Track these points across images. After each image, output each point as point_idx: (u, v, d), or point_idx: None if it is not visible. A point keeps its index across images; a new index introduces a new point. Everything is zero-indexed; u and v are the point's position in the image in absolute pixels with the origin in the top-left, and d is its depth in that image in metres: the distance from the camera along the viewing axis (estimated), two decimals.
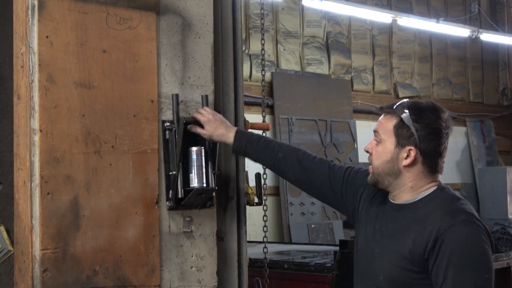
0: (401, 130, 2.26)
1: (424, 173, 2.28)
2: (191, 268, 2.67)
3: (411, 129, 2.24)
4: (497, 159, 11.49)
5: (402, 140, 2.26)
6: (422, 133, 2.24)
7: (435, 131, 2.25)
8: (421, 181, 2.29)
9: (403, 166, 2.27)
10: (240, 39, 2.99)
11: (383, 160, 2.30)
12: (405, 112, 2.26)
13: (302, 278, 4.87)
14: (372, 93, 10.25)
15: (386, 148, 2.29)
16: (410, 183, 2.29)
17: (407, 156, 2.25)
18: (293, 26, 9.44)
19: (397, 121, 2.28)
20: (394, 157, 2.27)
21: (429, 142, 2.25)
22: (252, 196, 3.03)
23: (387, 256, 2.27)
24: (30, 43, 2.37)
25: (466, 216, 2.18)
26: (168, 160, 2.61)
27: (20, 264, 2.40)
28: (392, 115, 2.30)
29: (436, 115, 2.27)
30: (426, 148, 2.25)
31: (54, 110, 2.37)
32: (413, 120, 2.25)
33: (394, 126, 2.28)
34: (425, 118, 2.25)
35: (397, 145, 2.27)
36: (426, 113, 2.26)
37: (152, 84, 2.59)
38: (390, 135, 2.28)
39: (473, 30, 10.14)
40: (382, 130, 2.31)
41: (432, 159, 2.27)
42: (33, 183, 2.33)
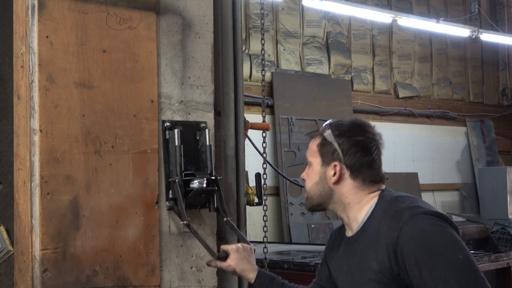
0: (324, 148, 2.23)
1: (358, 187, 2.21)
2: (191, 268, 2.67)
3: (334, 145, 2.21)
4: (497, 159, 11.49)
5: (326, 158, 2.23)
6: (345, 146, 2.20)
7: (359, 143, 2.20)
8: (357, 195, 2.22)
9: (332, 184, 2.22)
10: (240, 39, 2.99)
11: (313, 182, 2.27)
12: (327, 131, 2.24)
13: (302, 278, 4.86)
14: (372, 93, 10.25)
15: (314, 169, 2.26)
16: (346, 200, 2.23)
17: (334, 174, 2.21)
18: (293, 26, 9.44)
19: (320, 140, 2.25)
20: (322, 176, 2.24)
21: (354, 155, 2.19)
22: (252, 196, 3.03)
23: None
24: (30, 43, 2.37)
25: (409, 213, 2.06)
26: (168, 160, 2.61)
27: (20, 264, 2.40)
28: (316, 137, 2.29)
29: (360, 129, 2.23)
30: (351, 162, 2.20)
31: (54, 110, 2.37)
32: (335, 135, 2.22)
33: (317, 145, 2.26)
34: (347, 132, 2.22)
35: (322, 164, 2.24)
36: (349, 128, 2.23)
37: (152, 84, 2.59)
38: (316, 156, 2.26)
39: (473, 30, 10.13)
40: (309, 153, 2.29)
41: (361, 172, 2.20)
42: (33, 183, 2.33)
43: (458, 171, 10.99)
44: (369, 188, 2.22)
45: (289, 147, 8.98)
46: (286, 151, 8.95)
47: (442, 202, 10.23)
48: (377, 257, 2.09)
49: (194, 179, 2.58)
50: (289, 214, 8.65)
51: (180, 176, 2.56)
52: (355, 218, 2.24)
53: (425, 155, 10.34)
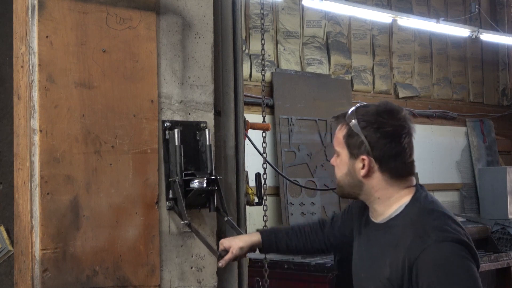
0: (351, 140, 2.12)
1: (387, 180, 2.12)
2: (191, 268, 2.67)
3: (361, 137, 2.10)
4: (497, 159, 11.48)
5: (353, 150, 2.12)
6: (373, 138, 2.08)
7: (388, 134, 2.09)
8: (387, 191, 2.13)
9: (361, 177, 2.13)
10: (240, 39, 2.99)
11: (343, 173, 2.18)
12: (353, 119, 2.12)
13: (302, 278, 4.86)
14: (372, 93, 10.24)
15: (342, 160, 2.17)
16: (376, 194, 2.15)
17: (363, 167, 2.11)
18: (293, 26, 9.44)
19: (347, 130, 2.14)
20: (351, 169, 2.14)
21: (382, 147, 2.08)
22: (252, 196, 3.03)
23: (372, 283, 2.15)
24: (30, 43, 2.36)
25: (437, 236, 1.98)
26: (168, 160, 2.61)
27: (20, 264, 2.40)
28: (342, 125, 2.18)
29: (388, 117, 2.10)
30: (379, 155, 2.09)
31: (54, 110, 2.37)
32: (362, 127, 2.10)
33: (344, 136, 2.15)
34: (374, 122, 2.09)
35: (350, 156, 2.14)
36: (376, 117, 2.11)
37: (152, 84, 2.59)
38: (343, 147, 2.16)
39: (473, 30, 10.13)
40: (336, 142, 2.20)
41: (391, 165, 2.11)
42: (33, 183, 2.33)
43: (458, 171, 10.98)
44: (400, 182, 2.14)
45: (289, 147, 8.98)
46: (286, 151, 8.94)
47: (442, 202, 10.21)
48: (391, 265, 2.05)
49: (194, 179, 2.58)
50: (289, 214, 8.65)
51: (180, 176, 2.56)
52: (382, 212, 2.17)
53: (425, 155, 10.33)
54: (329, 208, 9.26)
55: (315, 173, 9.28)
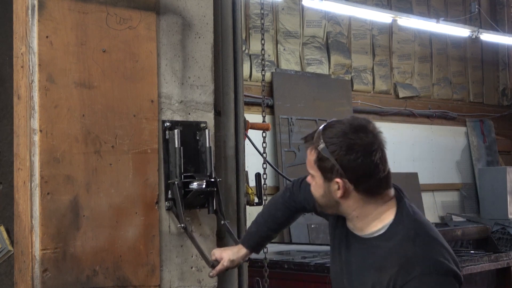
0: (322, 163, 2.06)
1: (364, 199, 2.07)
2: (191, 268, 2.67)
3: (331, 161, 2.03)
4: (497, 159, 11.48)
5: (327, 174, 2.06)
6: (343, 160, 2.01)
7: (357, 154, 2.01)
8: (365, 209, 2.09)
9: (338, 197, 2.08)
10: (240, 39, 2.99)
11: (320, 194, 2.13)
12: (321, 143, 2.06)
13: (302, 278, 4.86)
14: (372, 93, 10.25)
15: (317, 183, 2.12)
16: (354, 213, 2.10)
17: (338, 188, 2.05)
18: (293, 26, 9.44)
19: (316, 154, 2.08)
20: (327, 191, 2.09)
21: (354, 168, 2.02)
22: (252, 196, 3.03)
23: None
24: (30, 43, 2.36)
25: (423, 267, 1.95)
26: (168, 160, 2.61)
27: (20, 264, 2.40)
28: (312, 148, 2.11)
29: (355, 136, 2.03)
30: (353, 176, 2.03)
31: (54, 110, 2.37)
32: (331, 150, 2.03)
33: (315, 160, 2.09)
34: (342, 143, 2.02)
35: (324, 179, 2.08)
36: (343, 138, 2.03)
37: (152, 84, 2.59)
38: (316, 170, 2.10)
39: (473, 30, 10.13)
40: (309, 165, 2.14)
41: (366, 184, 2.05)
42: (33, 183, 2.33)
43: (458, 171, 10.98)
44: (377, 199, 2.08)
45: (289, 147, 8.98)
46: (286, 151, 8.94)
47: (442, 202, 10.22)
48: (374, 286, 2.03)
49: (194, 181, 2.58)
50: None
51: (180, 178, 2.56)
52: (362, 228, 2.13)
53: (425, 155, 10.33)
54: None
55: None
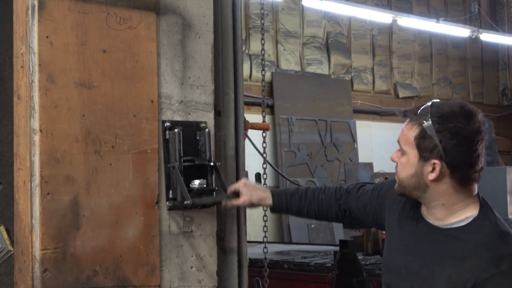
0: (423, 142, 1.99)
1: (455, 187, 2.01)
2: (191, 268, 2.67)
3: (435, 140, 1.96)
4: (497, 159, 11.49)
5: (425, 153, 1.99)
6: (448, 144, 1.95)
7: (464, 140, 1.96)
8: (453, 197, 2.03)
9: (429, 181, 2.01)
10: (240, 39, 2.99)
11: (408, 173, 2.05)
12: (428, 121, 1.99)
13: (302, 278, 4.87)
14: (372, 93, 10.26)
15: (410, 161, 2.03)
16: (441, 200, 2.03)
17: (433, 170, 1.99)
18: (293, 26, 9.44)
19: (419, 131, 2.00)
20: (419, 171, 2.02)
21: (457, 154, 1.96)
22: None
23: (416, 283, 2.06)
24: (30, 43, 2.37)
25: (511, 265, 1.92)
26: (168, 160, 2.61)
27: (20, 264, 2.40)
28: (413, 124, 2.03)
29: (465, 121, 1.97)
30: (453, 161, 1.97)
31: (54, 110, 2.37)
32: (437, 129, 1.96)
33: (416, 137, 2.01)
34: (451, 126, 1.96)
35: (420, 158, 2.00)
36: (452, 119, 1.97)
37: (152, 84, 2.59)
38: (412, 147, 2.02)
39: (473, 30, 10.14)
40: (404, 141, 2.06)
41: (463, 172, 1.99)
42: (33, 183, 2.33)
43: None
44: (467, 190, 2.03)
45: (289, 147, 8.98)
46: (286, 151, 8.94)
47: None
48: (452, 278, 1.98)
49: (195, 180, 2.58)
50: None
51: (179, 161, 2.57)
52: (442, 218, 2.07)
53: None
54: None
55: (315, 173, 9.29)
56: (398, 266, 2.14)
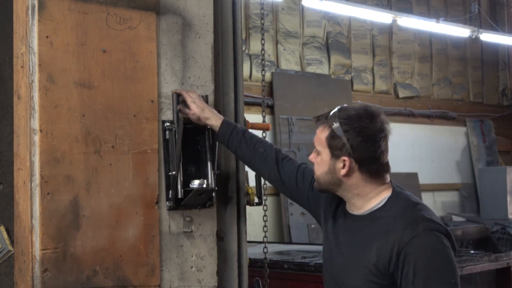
0: (333, 141, 2.25)
1: (366, 179, 2.26)
2: (191, 268, 2.67)
3: (343, 139, 2.22)
4: (497, 159, 11.49)
5: (335, 151, 2.25)
6: (354, 141, 2.21)
7: (368, 138, 2.22)
8: (366, 188, 2.28)
9: (342, 176, 2.26)
10: (240, 39, 2.99)
11: (323, 171, 2.30)
12: (336, 122, 2.24)
13: (302, 278, 4.86)
14: (372, 93, 10.26)
15: (323, 160, 2.29)
16: (355, 191, 2.29)
17: (343, 166, 2.24)
18: (293, 26, 9.44)
19: (329, 132, 2.26)
20: (331, 168, 2.27)
21: (363, 150, 2.22)
22: (252, 196, 3.03)
23: (353, 270, 2.26)
24: (30, 43, 2.37)
25: (426, 225, 2.17)
26: (168, 160, 2.61)
27: (20, 264, 2.41)
28: (324, 126, 2.29)
29: (368, 121, 2.23)
30: (360, 157, 2.22)
31: (54, 110, 2.37)
32: (344, 130, 2.22)
33: (326, 137, 2.26)
34: (356, 125, 2.22)
35: (332, 156, 2.26)
36: (357, 120, 2.23)
37: (152, 84, 2.59)
38: (325, 147, 2.27)
39: (473, 30, 10.13)
40: (317, 141, 2.31)
41: (370, 166, 2.25)
42: (33, 183, 2.33)
43: (458, 171, 10.99)
44: (377, 180, 2.28)
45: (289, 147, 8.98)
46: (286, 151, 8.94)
47: (442, 202, 10.23)
48: (379, 251, 2.18)
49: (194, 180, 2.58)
50: (289, 214, 8.65)
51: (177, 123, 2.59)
52: (361, 206, 2.31)
53: (425, 155, 10.34)
54: None
55: None
56: (335, 258, 2.35)
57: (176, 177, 2.58)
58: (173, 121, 2.63)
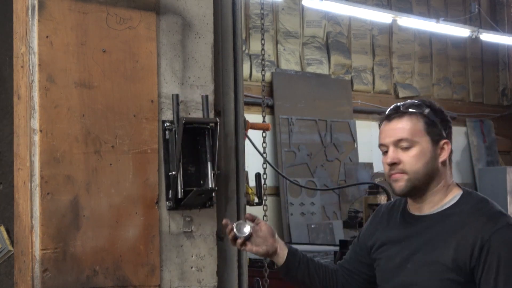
0: (431, 127, 2.23)
1: (450, 166, 2.28)
2: (191, 268, 2.67)
3: (438, 124, 2.24)
4: (497, 159, 11.49)
5: (435, 137, 2.23)
6: (444, 125, 2.25)
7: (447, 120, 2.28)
8: (449, 177, 2.27)
9: (440, 163, 2.24)
10: (240, 39, 2.99)
11: (423, 162, 2.22)
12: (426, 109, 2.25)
13: None
14: (372, 93, 10.26)
15: (423, 149, 2.22)
16: (443, 181, 2.25)
17: (441, 151, 2.24)
18: (293, 26, 9.44)
19: (424, 120, 2.23)
20: (433, 156, 2.23)
21: (450, 132, 2.28)
22: (252, 196, 3.03)
23: (426, 271, 2.19)
24: (30, 43, 2.37)
25: (506, 219, 2.16)
26: (168, 160, 2.61)
27: (20, 264, 2.41)
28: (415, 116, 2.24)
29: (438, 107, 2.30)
30: (450, 136, 2.27)
31: (54, 110, 2.37)
32: (435, 114, 2.25)
33: (424, 124, 2.23)
34: (437, 109, 2.27)
35: (432, 143, 2.23)
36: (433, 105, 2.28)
37: (152, 84, 2.59)
38: (423, 135, 2.22)
39: (473, 30, 10.14)
40: (412, 133, 2.23)
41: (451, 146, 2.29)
42: (33, 183, 2.33)
43: (458, 171, 10.99)
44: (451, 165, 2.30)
45: (289, 147, 8.98)
46: (286, 151, 8.94)
47: None
48: (458, 247, 2.14)
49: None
50: (289, 214, 8.65)
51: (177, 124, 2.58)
52: (438, 201, 2.26)
53: None
54: (329, 208, 9.26)
55: (315, 173, 9.29)
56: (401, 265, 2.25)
57: (176, 177, 2.58)
58: (173, 121, 2.63)
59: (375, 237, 2.40)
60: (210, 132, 2.70)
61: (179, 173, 2.59)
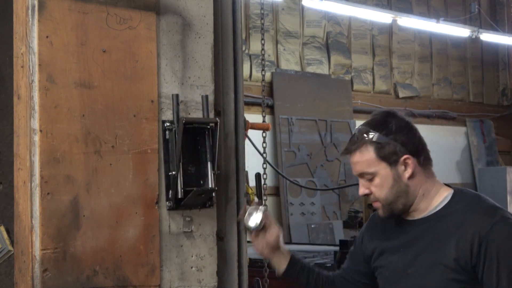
0: (384, 151, 2.19)
1: (425, 173, 2.24)
2: (191, 268, 2.67)
3: (390, 143, 2.19)
4: (497, 159, 11.50)
5: (391, 158, 2.20)
6: (400, 138, 2.20)
7: (407, 130, 2.22)
8: (428, 184, 2.25)
9: (407, 179, 2.21)
10: (240, 39, 2.99)
11: (388, 187, 2.22)
12: (372, 135, 2.20)
13: None
14: (372, 93, 10.26)
15: (384, 176, 2.21)
16: (421, 191, 2.24)
17: (405, 167, 2.21)
18: (293, 26, 9.44)
19: (374, 146, 2.20)
20: (396, 177, 2.21)
21: (412, 141, 2.21)
22: (252, 196, 3.03)
23: (429, 273, 2.19)
24: (30, 43, 2.37)
25: (503, 214, 2.17)
26: (168, 160, 2.61)
27: (20, 264, 2.41)
28: (364, 147, 2.22)
29: (392, 118, 2.23)
30: (413, 149, 2.21)
31: (54, 110, 2.37)
32: (385, 134, 2.19)
33: (376, 154, 2.20)
34: (390, 125, 2.21)
35: (391, 166, 2.20)
36: (385, 123, 2.22)
37: (152, 84, 2.59)
38: (378, 163, 2.20)
39: (473, 30, 10.14)
40: (365, 165, 2.22)
41: (422, 156, 2.24)
42: (33, 183, 2.33)
43: (458, 171, 11.00)
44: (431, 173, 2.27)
45: (289, 147, 8.98)
46: (286, 151, 8.94)
47: None
48: (458, 246, 2.14)
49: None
50: (289, 214, 8.65)
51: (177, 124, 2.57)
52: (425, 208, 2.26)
53: None
54: (329, 208, 9.26)
55: (315, 173, 9.29)
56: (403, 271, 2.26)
57: (176, 177, 2.58)
58: (173, 121, 2.62)
59: (373, 246, 2.40)
60: (210, 132, 2.70)
61: (179, 173, 2.59)
